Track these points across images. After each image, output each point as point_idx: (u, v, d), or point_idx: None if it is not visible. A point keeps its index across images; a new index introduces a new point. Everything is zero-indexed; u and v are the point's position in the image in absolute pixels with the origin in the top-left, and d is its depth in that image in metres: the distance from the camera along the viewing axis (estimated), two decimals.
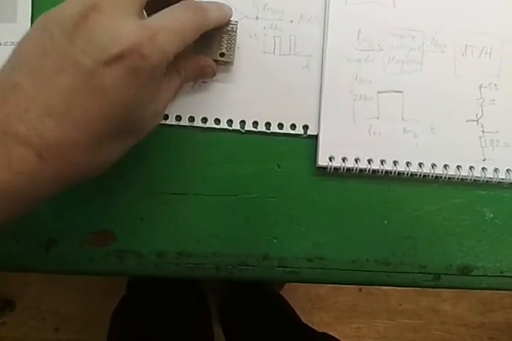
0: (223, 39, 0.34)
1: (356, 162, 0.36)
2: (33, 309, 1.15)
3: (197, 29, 0.29)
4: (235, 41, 0.34)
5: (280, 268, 0.37)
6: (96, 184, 0.36)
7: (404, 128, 0.36)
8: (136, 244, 0.37)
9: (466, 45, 0.37)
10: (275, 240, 0.37)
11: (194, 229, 0.37)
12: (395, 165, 0.36)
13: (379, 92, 0.37)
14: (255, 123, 0.37)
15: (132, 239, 0.37)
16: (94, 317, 1.09)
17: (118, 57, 0.24)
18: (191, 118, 0.37)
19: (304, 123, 0.37)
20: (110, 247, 0.37)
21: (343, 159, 0.36)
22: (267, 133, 0.37)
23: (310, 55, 0.37)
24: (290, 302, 0.88)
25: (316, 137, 0.37)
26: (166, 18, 0.27)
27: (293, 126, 0.37)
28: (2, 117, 0.24)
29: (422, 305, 1.18)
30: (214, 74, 0.35)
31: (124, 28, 0.25)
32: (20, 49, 0.26)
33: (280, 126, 0.37)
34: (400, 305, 1.18)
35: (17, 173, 0.24)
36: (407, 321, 1.18)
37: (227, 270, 0.37)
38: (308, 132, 0.37)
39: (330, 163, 0.36)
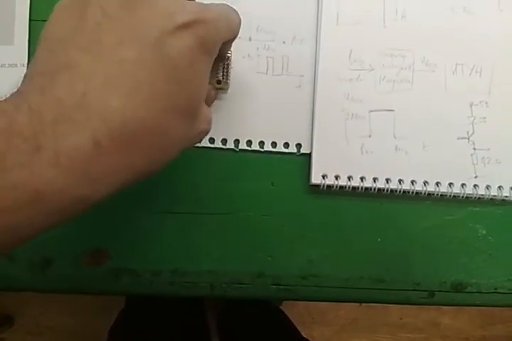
0: (219, 67, 0.34)
1: (349, 180, 0.37)
2: (31, 325, 1.14)
3: (236, 30, 0.29)
4: (230, 68, 0.35)
5: (275, 286, 0.37)
6: None
7: (396, 146, 0.37)
8: (131, 263, 0.37)
9: (456, 64, 0.37)
10: (269, 258, 0.37)
11: (188, 247, 0.37)
12: (387, 182, 0.37)
13: (371, 111, 0.37)
14: (249, 142, 0.37)
15: (127, 257, 0.37)
16: (93, 332, 1.08)
17: (185, 26, 0.22)
18: None
19: (297, 142, 0.37)
20: (105, 266, 0.37)
21: (336, 177, 0.37)
22: (260, 151, 0.37)
23: (302, 75, 0.38)
24: (290, 317, 0.88)
25: (309, 155, 0.37)
26: (221, 9, 0.26)
27: (286, 145, 0.37)
28: (53, 103, 0.20)
29: (423, 318, 1.18)
30: (215, 99, 0.36)
31: (187, 1, 0.24)
32: (55, 29, 0.23)
33: (273, 144, 0.37)
34: (401, 319, 1.18)
35: (66, 170, 0.20)
36: (408, 335, 1.17)
37: (222, 288, 0.37)
38: (302, 150, 0.37)
39: (323, 181, 0.36)
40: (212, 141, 0.37)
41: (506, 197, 0.37)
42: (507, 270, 0.37)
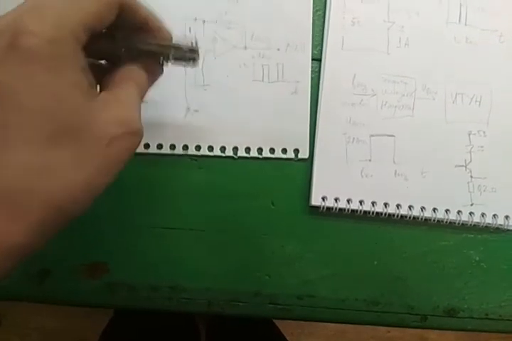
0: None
1: (348, 203, 0.37)
2: (18, 326, 1.13)
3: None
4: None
5: (271, 305, 0.38)
6: (90, 216, 0.37)
7: (396, 171, 0.38)
8: (129, 277, 0.38)
9: (456, 93, 0.38)
10: (267, 277, 0.38)
11: (187, 263, 0.38)
12: (385, 206, 0.37)
13: (372, 136, 0.38)
14: (248, 149, 0.38)
15: (125, 271, 0.38)
16: (80, 335, 1.08)
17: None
18: (185, 147, 0.38)
19: (294, 147, 0.38)
20: (103, 279, 0.38)
21: (336, 199, 0.37)
22: (259, 158, 0.38)
23: (298, 81, 0.38)
24: (279, 327, 0.88)
25: (309, 167, 0.38)
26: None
27: (284, 151, 0.38)
28: None
29: (410, 332, 1.18)
30: (159, 75, 0.31)
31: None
32: None
33: (272, 150, 0.38)
34: (388, 332, 1.18)
35: None
36: None
37: (219, 305, 0.38)
38: (299, 156, 0.38)
39: (323, 203, 0.37)
40: (211, 149, 0.38)
41: (500, 225, 0.37)
42: (498, 296, 0.38)
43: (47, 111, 0.21)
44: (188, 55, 0.28)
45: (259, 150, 0.38)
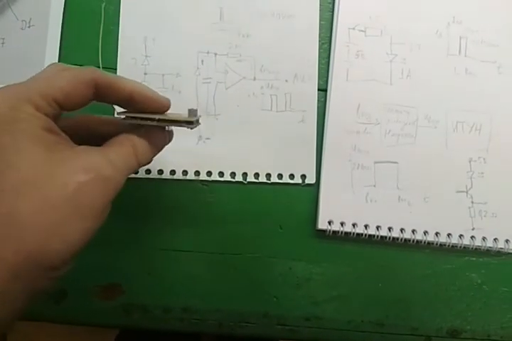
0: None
1: (354, 227, 0.39)
2: None
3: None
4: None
5: (279, 326, 0.39)
6: (105, 239, 0.38)
7: (399, 196, 0.39)
8: (142, 298, 0.39)
9: (457, 122, 0.40)
10: (275, 299, 0.39)
11: (198, 285, 0.39)
12: (389, 231, 0.39)
13: (376, 162, 0.39)
14: (256, 175, 0.40)
15: (139, 293, 0.39)
16: None
17: None
18: (197, 173, 0.40)
19: (301, 173, 0.40)
20: (117, 300, 0.39)
21: (342, 223, 0.39)
22: (267, 183, 0.40)
23: (304, 111, 0.40)
24: None
25: (316, 192, 0.40)
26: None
27: (291, 176, 0.40)
28: None
29: None
30: (170, 140, 0.33)
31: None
32: None
33: (280, 176, 0.40)
34: None
35: None
36: None
37: (229, 326, 0.39)
38: (306, 181, 0.40)
39: (329, 227, 0.39)
40: (221, 174, 0.40)
41: (501, 248, 0.39)
42: (500, 318, 0.39)
43: (11, 167, 0.24)
44: (185, 125, 0.29)
45: (268, 175, 0.40)
